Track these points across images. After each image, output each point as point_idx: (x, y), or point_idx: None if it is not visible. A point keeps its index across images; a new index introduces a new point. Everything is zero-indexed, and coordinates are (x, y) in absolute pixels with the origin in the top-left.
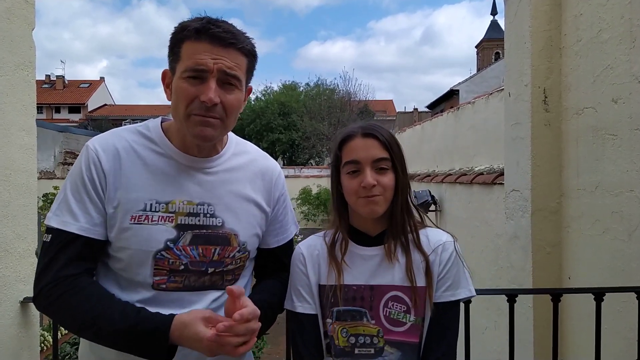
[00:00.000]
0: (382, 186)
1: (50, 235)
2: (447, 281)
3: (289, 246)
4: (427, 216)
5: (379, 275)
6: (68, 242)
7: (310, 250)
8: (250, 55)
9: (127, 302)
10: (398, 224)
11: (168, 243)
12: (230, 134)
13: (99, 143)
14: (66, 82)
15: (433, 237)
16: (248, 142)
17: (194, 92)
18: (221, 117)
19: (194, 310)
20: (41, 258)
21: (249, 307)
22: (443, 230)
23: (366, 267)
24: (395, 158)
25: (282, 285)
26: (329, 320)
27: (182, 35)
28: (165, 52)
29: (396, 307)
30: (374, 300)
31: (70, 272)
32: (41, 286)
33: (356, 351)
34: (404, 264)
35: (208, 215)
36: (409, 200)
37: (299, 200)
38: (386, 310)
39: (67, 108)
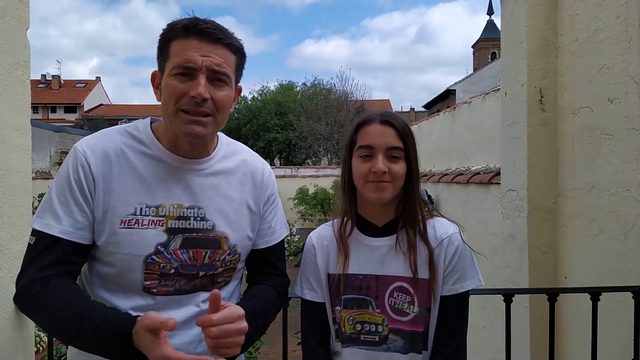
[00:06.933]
0: (392, 174)
1: (34, 237)
2: (454, 274)
3: (279, 248)
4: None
5: (385, 265)
6: (49, 245)
7: (320, 241)
8: (239, 53)
9: (95, 302)
10: (411, 215)
11: (159, 247)
12: (221, 135)
13: (88, 145)
14: (62, 81)
15: (440, 228)
16: (238, 142)
17: (183, 88)
18: (212, 113)
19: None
20: (24, 260)
21: (223, 312)
22: (450, 220)
23: (373, 257)
24: (409, 148)
25: (274, 291)
26: (337, 308)
27: (171, 34)
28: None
29: (401, 298)
30: (379, 290)
31: (46, 274)
32: (19, 287)
33: (362, 337)
34: (408, 255)
35: (198, 218)
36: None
37: (296, 200)
38: (391, 300)
39: (63, 108)
